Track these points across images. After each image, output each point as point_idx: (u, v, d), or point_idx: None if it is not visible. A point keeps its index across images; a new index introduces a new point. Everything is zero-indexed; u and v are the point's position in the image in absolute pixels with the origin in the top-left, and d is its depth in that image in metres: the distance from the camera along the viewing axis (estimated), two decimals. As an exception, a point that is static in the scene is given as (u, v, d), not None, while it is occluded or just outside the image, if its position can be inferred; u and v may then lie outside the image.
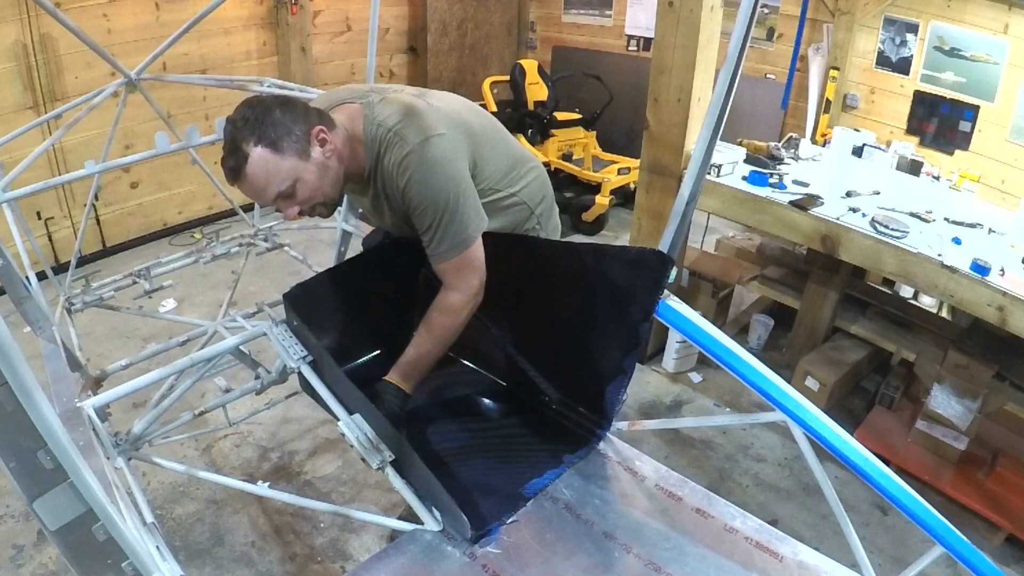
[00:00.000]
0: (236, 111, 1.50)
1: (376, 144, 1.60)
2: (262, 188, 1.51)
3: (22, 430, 0.71)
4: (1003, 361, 2.93)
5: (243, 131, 1.46)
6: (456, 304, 1.64)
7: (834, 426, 1.41)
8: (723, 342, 1.53)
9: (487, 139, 1.73)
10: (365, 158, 1.63)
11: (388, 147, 1.58)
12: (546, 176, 1.98)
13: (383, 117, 1.60)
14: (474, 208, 1.63)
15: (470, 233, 1.61)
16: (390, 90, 1.69)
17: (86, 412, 1.48)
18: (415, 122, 1.58)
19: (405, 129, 1.56)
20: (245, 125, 1.46)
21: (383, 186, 1.65)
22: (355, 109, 1.64)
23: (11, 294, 1.91)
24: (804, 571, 1.38)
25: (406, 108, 1.60)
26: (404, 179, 1.56)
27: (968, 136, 4.20)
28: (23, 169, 1.98)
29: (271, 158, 1.47)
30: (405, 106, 1.61)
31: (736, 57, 1.29)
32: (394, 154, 1.57)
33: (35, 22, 3.96)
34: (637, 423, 1.78)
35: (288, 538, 2.68)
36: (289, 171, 1.50)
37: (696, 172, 1.46)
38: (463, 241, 1.60)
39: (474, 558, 1.34)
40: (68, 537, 0.81)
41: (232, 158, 1.48)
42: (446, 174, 1.57)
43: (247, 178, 1.49)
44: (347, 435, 1.47)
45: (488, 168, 1.72)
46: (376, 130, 1.59)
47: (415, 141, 1.55)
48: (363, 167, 1.64)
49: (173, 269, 2.76)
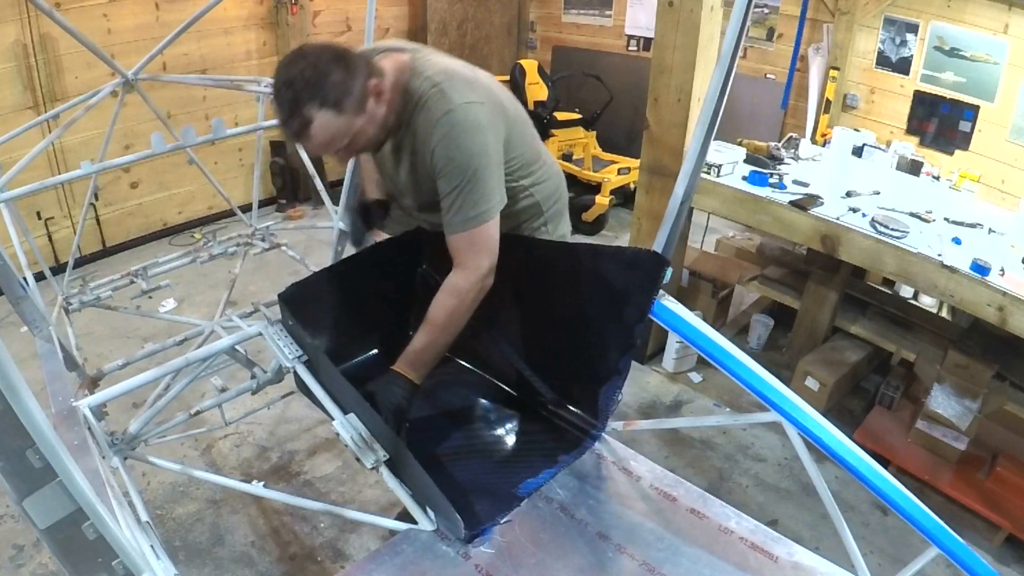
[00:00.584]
0: (289, 67, 1.47)
1: (417, 97, 1.59)
2: (324, 146, 1.53)
3: (10, 429, 0.71)
4: (1003, 361, 2.92)
5: (304, 93, 1.44)
6: (463, 285, 1.62)
7: (829, 426, 1.41)
8: (718, 342, 1.53)
9: (517, 126, 1.73)
10: (402, 109, 1.62)
11: (429, 102, 1.57)
12: (563, 180, 1.97)
13: (431, 72, 1.60)
14: (498, 183, 1.62)
15: (490, 207, 1.60)
16: (438, 52, 1.71)
17: (81, 411, 1.48)
18: (460, 84, 1.58)
19: (450, 89, 1.56)
20: (306, 87, 1.44)
21: (412, 140, 1.64)
22: (403, 60, 1.63)
23: (8, 294, 1.92)
24: (799, 572, 1.38)
25: (453, 70, 1.62)
26: (438, 136, 1.56)
27: (968, 136, 4.19)
28: (20, 168, 1.99)
29: (334, 119, 1.48)
30: (453, 68, 1.62)
31: (729, 57, 1.28)
32: (434, 111, 1.56)
33: (35, 22, 3.97)
34: (632, 423, 1.78)
35: (287, 538, 2.68)
36: (350, 128, 1.52)
37: (691, 172, 1.46)
38: (481, 214, 1.59)
39: (468, 558, 1.34)
40: (58, 535, 0.81)
41: (295, 121, 1.47)
42: (480, 141, 1.57)
43: (310, 139, 1.50)
44: (341, 434, 1.47)
45: (512, 153, 1.72)
46: (421, 84, 1.59)
47: (458, 102, 1.55)
48: (398, 117, 1.63)
49: (171, 269, 2.77)
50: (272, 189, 5.58)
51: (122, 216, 4.84)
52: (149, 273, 2.66)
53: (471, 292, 1.62)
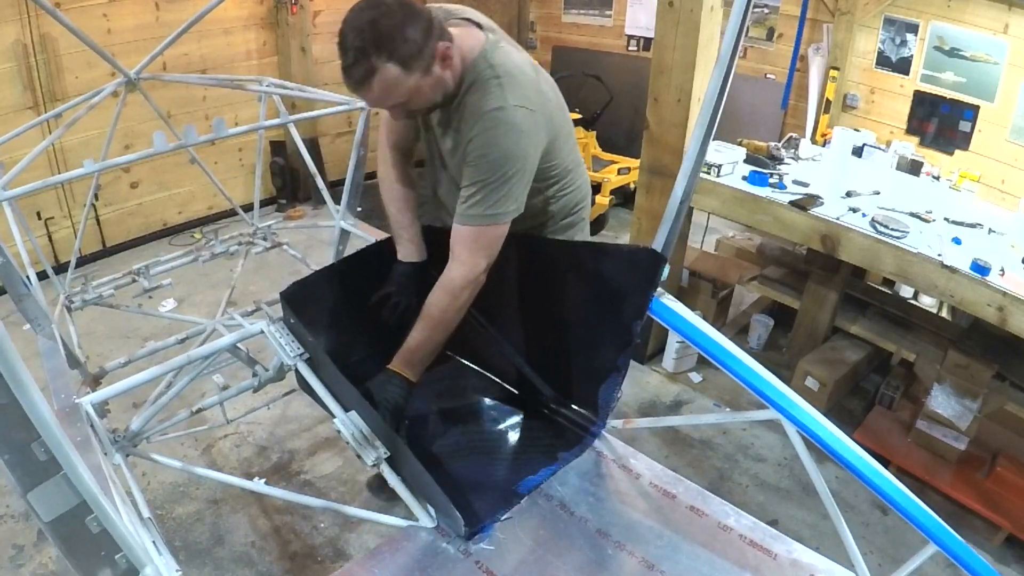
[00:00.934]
0: (362, 12, 1.42)
1: (477, 79, 1.57)
2: (381, 99, 1.51)
3: (16, 422, 0.71)
4: (1003, 361, 2.93)
5: (374, 43, 1.40)
6: (457, 282, 1.61)
7: (829, 425, 1.41)
8: (717, 340, 1.53)
9: (560, 137, 1.72)
10: (460, 82, 1.59)
11: (485, 89, 1.56)
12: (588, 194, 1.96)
13: (497, 62, 1.58)
14: (522, 192, 1.61)
15: (507, 211, 1.59)
16: (512, 42, 1.69)
17: (84, 408, 1.48)
18: (520, 85, 1.57)
19: (509, 86, 1.55)
20: (377, 36, 1.40)
21: (459, 119, 1.62)
22: (478, 37, 1.61)
23: (11, 292, 1.92)
24: (798, 569, 1.39)
25: (520, 68, 1.60)
26: (480, 128, 1.55)
27: (968, 136, 4.20)
28: (22, 168, 1.99)
29: (399, 75, 1.45)
30: (520, 66, 1.61)
31: (729, 56, 1.29)
32: (487, 100, 1.55)
33: (35, 22, 3.97)
34: (632, 421, 1.79)
35: (288, 537, 2.69)
36: (411, 87, 1.49)
37: (690, 171, 1.47)
38: (497, 215, 1.58)
39: (468, 555, 1.34)
40: (61, 529, 0.82)
41: (359, 68, 1.43)
42: (520, 145, 1.56)
43: (370, 89, 1.47)
44: (342, 432, 1.48)
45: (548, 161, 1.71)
46: (486, 69, 1.57)
47: (511, 102, 1.54)
48: (455, 88, 1.60)
49: (172, 268, 2.77)
50: (272, 189, 5.59)
51: (122, 216, 4.85)
52: (151, 272, 2.67)
53: (466, 289, 1.62)
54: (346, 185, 2.50)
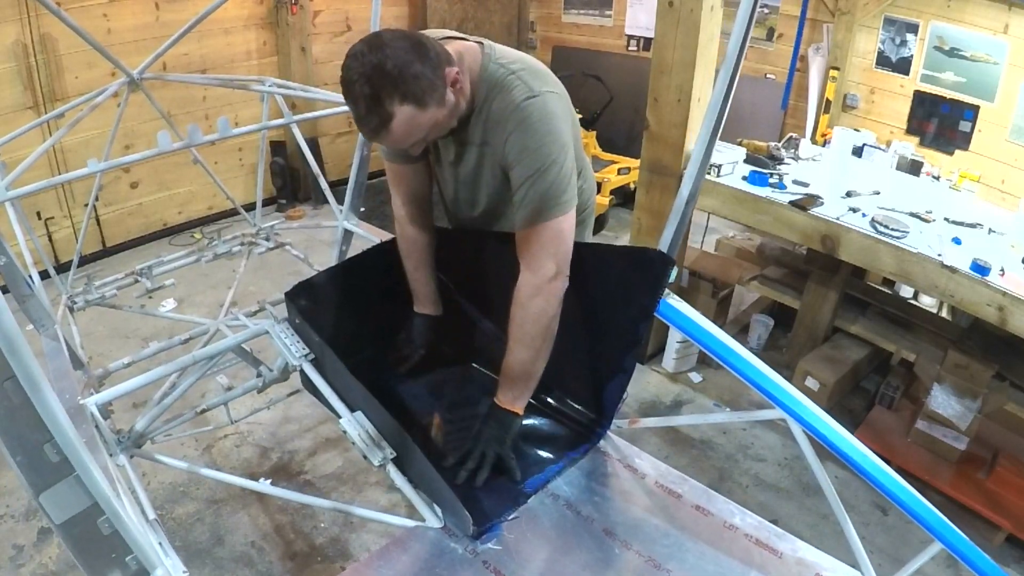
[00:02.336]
0: (364, 57, 1.34)
1: (491, 84, 1.52)
2: (401, 141, 1.45)
3: (29, 423, 0.71)
4: (1003, 361, 2.93)
5: (384, 87, 1.33)
6: (526, 291, 1.53)
7: (833, 423, 1.42)
8: (723, 340, 1.53)
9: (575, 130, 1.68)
10: (472, 98, 1.54)
11: (505, 89, 1.50)
12: (594, 194, 1.92)
13: (506, 61, 1.53)
14: (572, 178, 1.54)
15: (568, 198, 1.52)
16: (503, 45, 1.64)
17: (89, 409, 1.48)
18: (539, 73, 1.53)
19: (529, 77, 1.51)
20: (387, 81, 1.33)
21: (482, 131, 1.56)
22: (473, 50, 1.55)
23: (14, 292, 1.92)
24: (803, 568, 1.39)
25: (528, 60, 1.57)
26: (515, 122, 1.48)
27: (968, 136, 4.21)
28: (26, 168, 1.99)
29: (416, 115, 1.39)
30: (527, 59, 1.57)
31: (735, 57, 1.29)
32: (512, 97, 1.49)
33: (35, 22, 3.97)
34: (636, 420, 1.79)
35: (288, 537, 2.69)
36: (430, 122, 1.43)
37: (696, 172, 1.47)
38: (560, 205, 1.50)
39: (475, 554, 1.34)
40: (73, 530, 0.81)
41: (374, 116, 1.37)
42: (559, 131, 1.50)
43: (390, 135, 1.41)
44: (349, 432, 1.47)
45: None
46: (497, 70, 1.52)
47: (539, 89, 1.49)
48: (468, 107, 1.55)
49: (175, 268, 2.77)
50: (272, 189, 5.59)
51: (122, 216, 4.84)
52: (153, 272, 2.66)
53: (555, 295, 1.53)
54: (349, 185, 2.50)
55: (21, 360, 0.67)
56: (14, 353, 0.67)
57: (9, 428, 0.71)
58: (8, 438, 0.72)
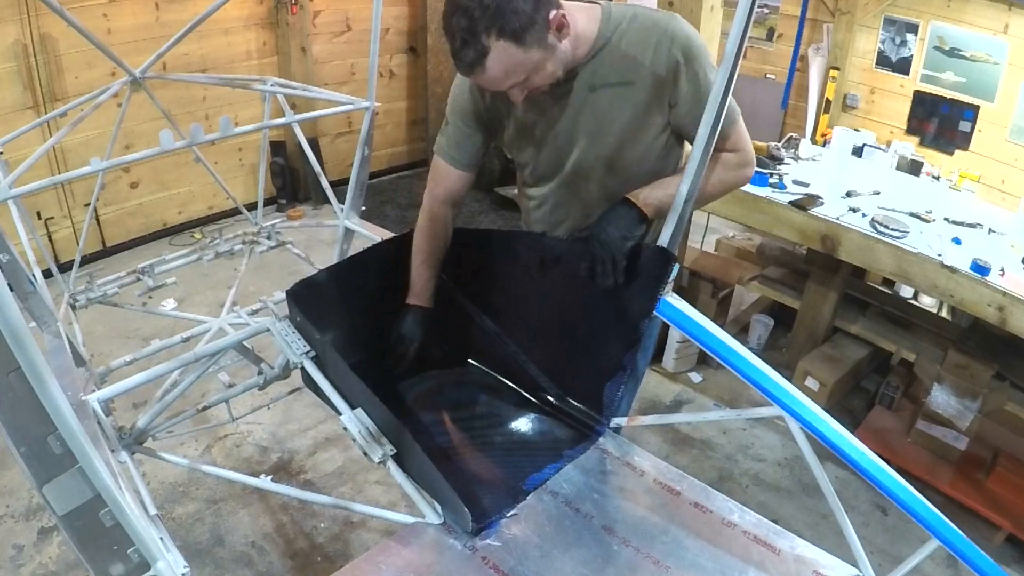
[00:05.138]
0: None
1: (619, 25, 1.52)
2: (498, 81, 1.42)
3: (33, 415, 0.72)
4: (1003, 361, 2.94)
5: (482, 20, 1.32)
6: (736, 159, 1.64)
7: (832, 422, 1.42)
8: (722, 339, 1.54)
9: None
10: (593, 45, 1.53)
11: (640, 20, 1.52)
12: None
13: (626, 7, 1.54)
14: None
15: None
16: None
17: (91, 405, 1.49)
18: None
19: (672, 18, 1.53)
20: (484, 13, 1.32)
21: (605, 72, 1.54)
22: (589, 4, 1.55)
23: (17, 290, 1.92)
24: (802, 565, 1.39)
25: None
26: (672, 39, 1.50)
27: (968, 136, 4.22)
28: (27, 167, 1.99)
29: (514, 52, 1.36)
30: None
31: (734, 56, 1.29)
32: (653, 23, 1.51)
33: (35, 22, 3.97)
34: (636, 418, 1.79)
35: (288, 537, 2.69)
36: (529, 63, 1.40)
37: (695, 171, 1.47)
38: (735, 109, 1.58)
39: (474, 551, 1.35)
40: (76, 522, 0.82)
41: (470, 50, 1.35)
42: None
43: (485, 72, 1.39)
44: (349, 429, 1.48)
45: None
46: (621, 12, 1.52)
47: (689, 30, 1.53)
48: (585, 55, 1.53)
49: (176, 266, 2.77)
50: (272, 189, 5.59)
51: (122, 216, 4.84)
52: (155, 271, 2.67)
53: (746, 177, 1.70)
54: (350, 184, 2.50)
55: (26, 352, 0.68)
56: (19, 345, 0.67)
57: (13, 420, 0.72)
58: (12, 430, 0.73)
